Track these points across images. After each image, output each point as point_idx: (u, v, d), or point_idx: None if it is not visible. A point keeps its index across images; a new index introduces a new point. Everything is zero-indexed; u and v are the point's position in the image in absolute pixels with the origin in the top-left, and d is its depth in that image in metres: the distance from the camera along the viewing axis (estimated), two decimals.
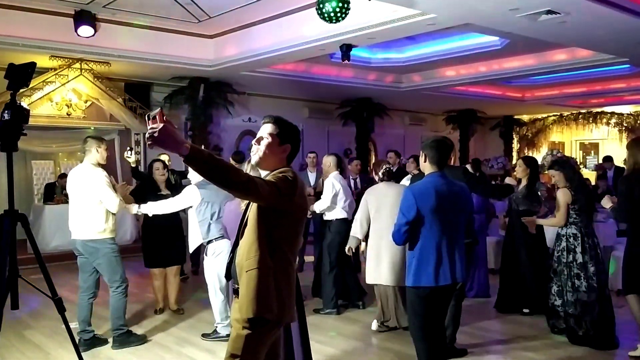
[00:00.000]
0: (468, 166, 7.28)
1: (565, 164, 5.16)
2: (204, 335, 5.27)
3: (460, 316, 4.79)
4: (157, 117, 2.19)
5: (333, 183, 6.13)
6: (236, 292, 2.61)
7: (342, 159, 6.45)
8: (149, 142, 2.17)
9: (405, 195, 3.54)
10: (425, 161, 3.64)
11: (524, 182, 5.83)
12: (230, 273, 2.70)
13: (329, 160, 6.26)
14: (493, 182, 8.93)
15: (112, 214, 4.85)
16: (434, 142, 3.66)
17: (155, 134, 2.13)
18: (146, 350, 4.94)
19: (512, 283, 5.98)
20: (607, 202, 4.62)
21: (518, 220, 5.72)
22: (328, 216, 6.17)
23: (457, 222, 3.60)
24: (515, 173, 6.19)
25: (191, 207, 5.08)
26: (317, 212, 6.23)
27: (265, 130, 2.66)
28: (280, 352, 2.87)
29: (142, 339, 5.13)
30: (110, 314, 4.98)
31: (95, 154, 4.84)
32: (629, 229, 4.69)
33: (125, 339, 4.98)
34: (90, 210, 4.75)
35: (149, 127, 2.17)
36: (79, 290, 5.02)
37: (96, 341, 5.00)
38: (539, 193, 5.97)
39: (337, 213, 6.12)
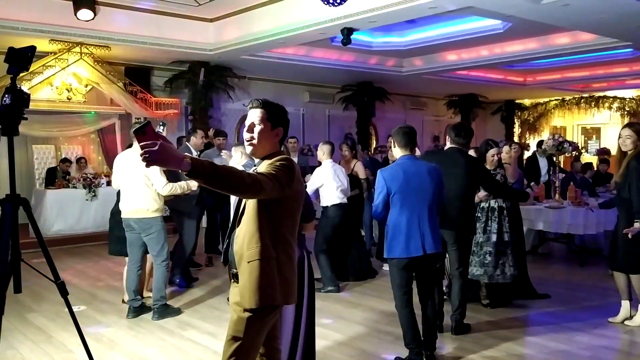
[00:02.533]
0: (472, 152, 7.34)
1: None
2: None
3: (466, 296, 4.91)
4: (147, 132, 2.09)
5: (322, 173, 6.27)
6: (235, 276, 2.61)
7: (334, 146, 6.72)
8: (147, 162, 2.06)
9: (378, 178, 4.07)
10: (394, 146, 4.15)
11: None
12: (227, 258, 2.70)
13: (322, 149, 6.37)
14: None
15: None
16: (399, 129, 4.14)
17: (153, 154, 2.05)
18: (149, 333, 4.98)
19: None
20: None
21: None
22: (324, 202, 6.33)
23: (425, 199, 4.02)
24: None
25: None
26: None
27: (255, 116, 2.59)
28: (278, 334, 2.90)
29: (178, 312, 5.48)
30: (153, 286, 5.35)
31: None
32: (627, 207, 4.86)
33: (164, 310, 5.33)
34: (143, 191, 5.13)
35: (140, 144, 2.06)
36: (128, 264, 5.41)
37: (145, 309, 5.40)
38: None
39: (333, 199, 6.28)
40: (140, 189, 5.13)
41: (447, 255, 4.83)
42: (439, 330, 4.80)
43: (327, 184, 6.26)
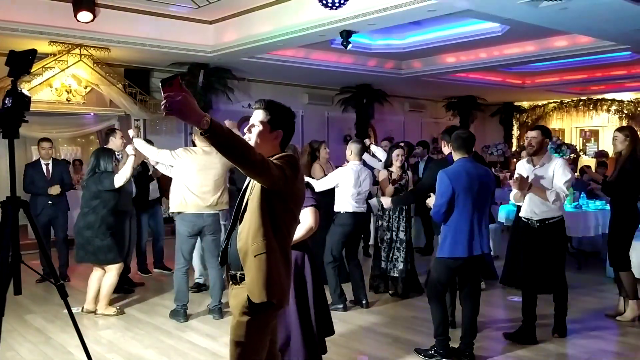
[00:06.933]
0: None
1: None
2: None
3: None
4: (173, 83, 2.09)
5: (341, 175, 5.75)
6: (234, 278, 2.59)
7: (365, 146, 6.46)
8: (166, 111, 2.06)
9: (441, 178, 4.13)
10: (447, 149, 4.47)
11: None
12: (225, 259, 2.67)
13: (350, 148, 5.86)
14: (493, 169, 9.04)
15: None
16: (455, 134, 4.33)
17: (175, 103, 2.05)
18: (147, 334, 4.99)
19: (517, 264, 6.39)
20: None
21: None
22: (337, 207, 5.80)
23: (483, 200, 4.20)
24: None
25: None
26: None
27: (257, 117, 2.61)
28: (277, 339, 2.91)
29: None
30: (215, 289, 5.42)
31: None
32: (623, 208, 5.12)
33: (221, 310, 5.46)
34: (223, 184, 5.39)
35: (164, 94, 2.07)
36: (179, 270, 5.40)
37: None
38: None
39: (346, 206, 5.73)
40: (220, 182, 5.36)
41: None
42: (451, 326, 4.76)
43: (345, 188, 5.69)
